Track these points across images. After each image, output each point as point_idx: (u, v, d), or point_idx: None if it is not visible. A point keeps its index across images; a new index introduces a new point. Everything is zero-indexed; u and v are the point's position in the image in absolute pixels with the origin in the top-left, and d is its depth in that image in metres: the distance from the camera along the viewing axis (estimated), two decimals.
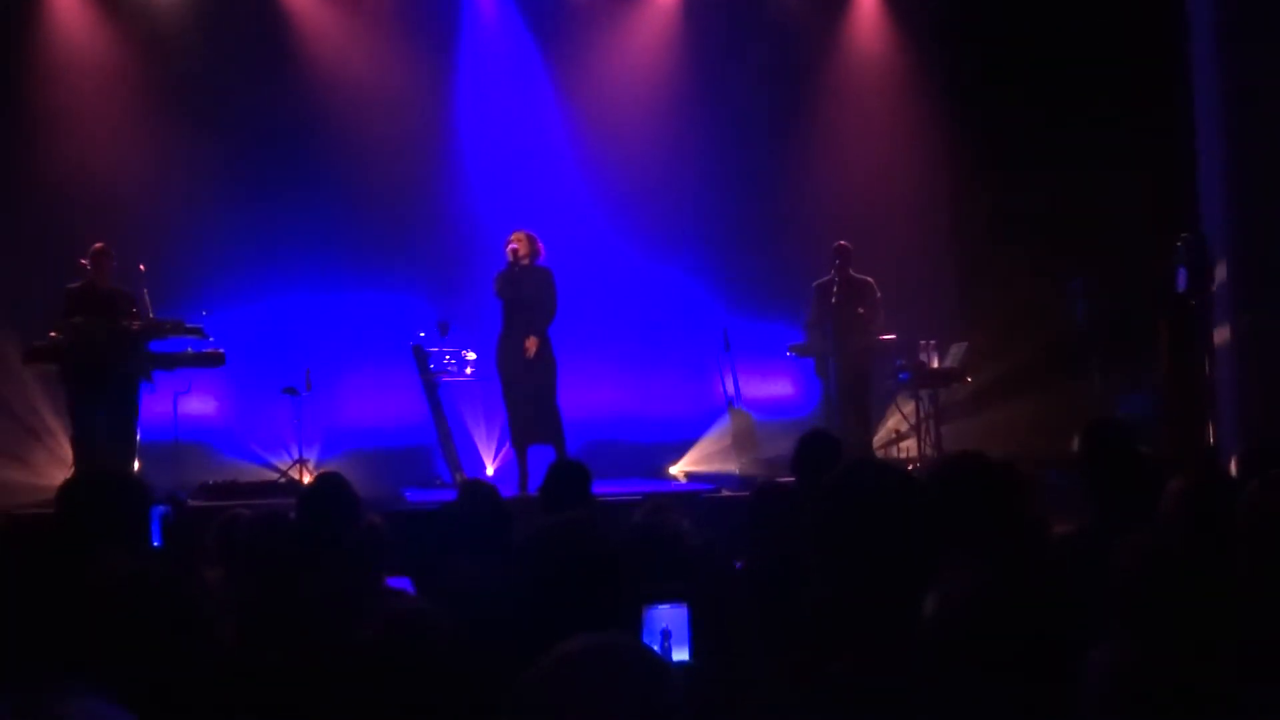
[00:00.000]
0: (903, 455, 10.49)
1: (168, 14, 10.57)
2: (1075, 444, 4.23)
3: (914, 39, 11.59)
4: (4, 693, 1.00)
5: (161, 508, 4.31)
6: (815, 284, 10.05)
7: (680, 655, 2.49)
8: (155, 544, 4.09)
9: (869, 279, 9.97)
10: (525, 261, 9.23)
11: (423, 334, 10.30)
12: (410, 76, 10.98)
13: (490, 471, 10.58)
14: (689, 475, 10.80)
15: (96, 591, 2.17)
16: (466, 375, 10.23)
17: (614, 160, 11.25)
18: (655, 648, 2.44)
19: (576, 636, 1.46)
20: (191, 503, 8.23)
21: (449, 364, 10.20)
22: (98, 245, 8.89)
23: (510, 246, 9.24)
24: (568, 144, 11.30)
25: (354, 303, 10.73)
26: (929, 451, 9.97)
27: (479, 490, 4.72)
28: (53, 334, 8.62)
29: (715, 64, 11.33)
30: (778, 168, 11.29)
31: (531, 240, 9.30)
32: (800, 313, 10.27)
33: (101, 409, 8.61)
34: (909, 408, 10.61)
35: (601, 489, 5.12)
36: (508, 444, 9.63)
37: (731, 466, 10.37)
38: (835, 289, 9.86)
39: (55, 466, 9.36)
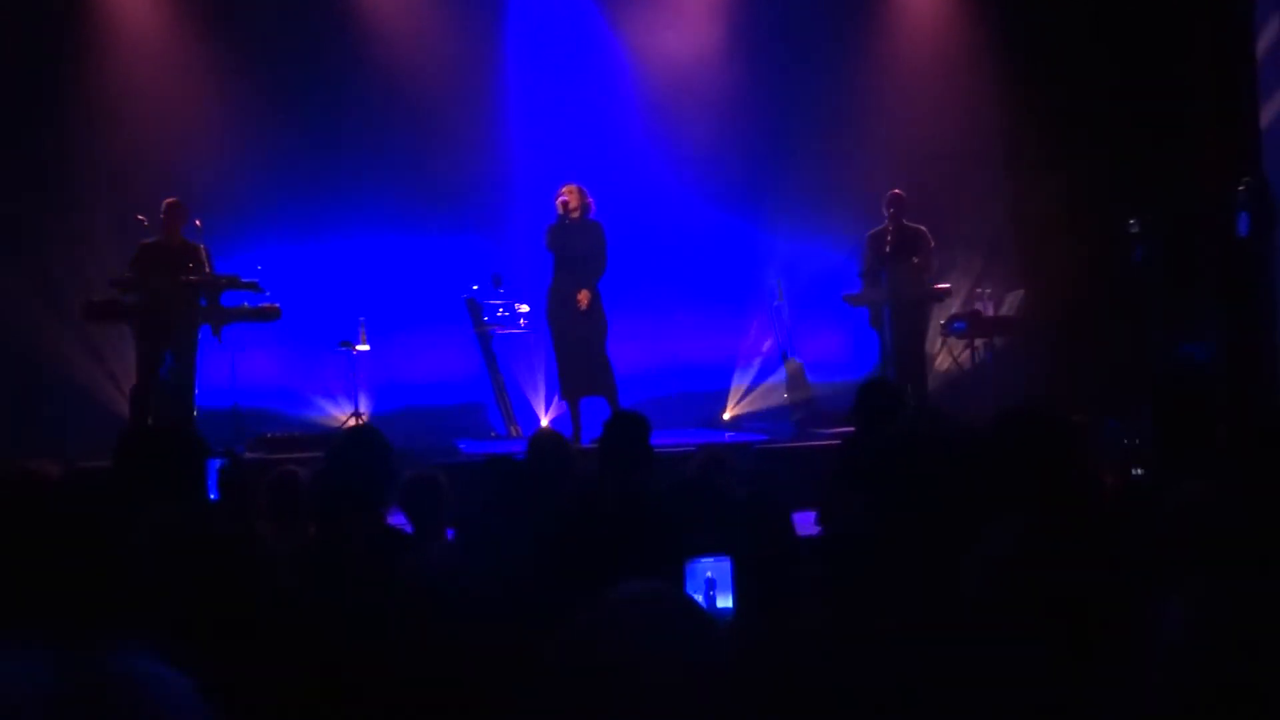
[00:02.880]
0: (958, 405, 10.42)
1: None
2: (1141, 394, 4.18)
3: None
4: (47, 647, 1.01)
5: (218, 461, 4.36)
6: (869, 234, 9.97)
7: (724, 603, 2.49)
8: (211, 497, 4.14)
9: (922, 228, 9.88)
10: (576, 215, 9.21)
11: (476, 287, 10.33)
12: (466, 27, 10.95)
13: (544, 423, 10.62)
14: (741, 420, 10.81)
15: (150, 542, 2.20)
16: (520, 328, 10.27)
17: (667, 113, 11.18)
18: (699, 597, 2.45)
19: (618, 584, 1.46)
20: (249, 455, 8.34)
21: (502, 316, 10.25)
22: (169, 200, 8.98)
23: (561, 199, 9.22)
24: (622, 97, 11.24)
25: (408, 258, 10.77)
26: (984, 402, 9.89)
27: (547, 440, 4.76)
28: (114, 285, 8.74)
29: (772, 15, 11.19)
30: (831, 115, 11.15)
31: (582, 193, 9.28)
32: (855, 262, 10.20)
33: (164, 364, 8.74)
34: (964, 356, 10.53)
35: (656, 439, 5.10)
36: (559, 396, 9.66)
37: (785, 417, 10.34)
38: (889, 238, 9.77)
39: (98, 423, 9.45)
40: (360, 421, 9.66)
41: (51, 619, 1.71)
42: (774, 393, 10.99)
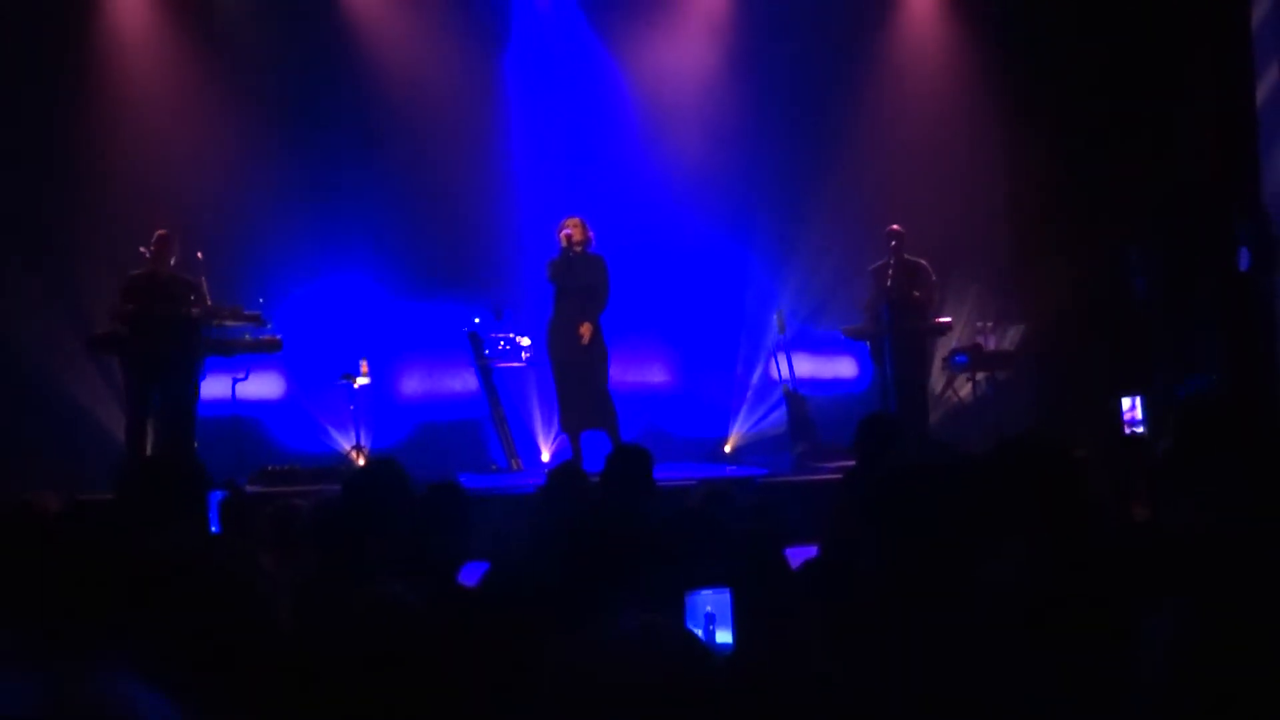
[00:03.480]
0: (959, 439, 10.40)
1: (228, 4, 10.66)
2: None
3: (967, 18, 11.44)
4: (35, 669, 1.02)
5: (219, 493, 4.36)
6: (870, 268, 9.99)
7: (724, 638, 2.48)
8: (213, 529, 4.14)
9: (923, 261, 9.90)
10: (579, 248, 9.24)
11: (478, 320, 10.35)
12: (466, 63, 10.98)
13: (545, 457, 10.61)
14: (742, 453, 10.81)
15: (149, 571, 2.19)
16: (521, 361, 10.28)
17: (667, 146, 11.22)
18: (699, 630, 2.44)
19: (618, 615, 1.46)
20: (250, 488, 8.32)
21: (504, 349, 10.25)
22: (160, 232, 8.96)
23: (564, 232, 9.25)
24: (621, 129, 11.27)
25: (409, 288, 10.79)
26: (986, 435, 9.88)
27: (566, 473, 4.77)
28: (115, 318, 8.73)
29: (768, 47, 11.23)
30: (830, 150, 11.18)
31: (584, 226, 9.31)
32: (855, 295, 10.21)
33: (157, 396, 8.70)
34: (965, 390, 10.53)
35: (657, 473, 5.10)
36: (560, 429, 9.65)
37: (786, 451, 10.33)
38: (890, 272, 9.79)
39: (113, 453, 9.45)
40: (362, 454, 9.66)
41: (42, 641, 1.71)
42: (775, 426, 10.98)
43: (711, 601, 2.41)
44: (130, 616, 1.98)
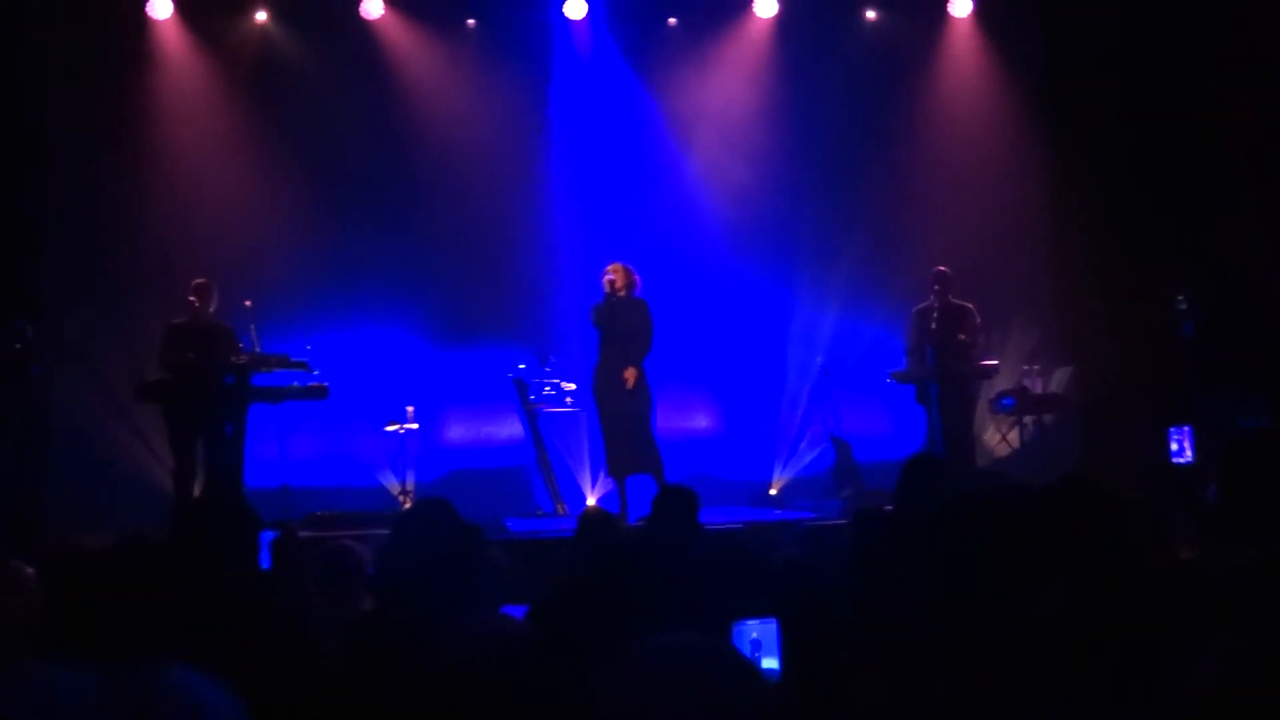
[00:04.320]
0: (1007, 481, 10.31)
1: (269, 54, 10.85)
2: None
3: (1010, 55, 11.45)
4: (94, 664, 1.05)
5: (271, 533, 4.40)
6: (914, 310, 9.97)
7: (770, 664, 2.49)
8: (263, 567, 4.17)
9: (969, 304, 9.87)
10: (622, 293, 9.29)
11: (522, 365, 10.41)
12: (506, 107, 11.12)
13: (591, 501, 10.62)
14: (787, 496, 10.79)
15: (204, 606, 2.23)
16: (566, 405, 10.32)
17: (708, 189, 11.29)
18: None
19: (666, 635, 1.47)
20: (300, 534, 8.37)
21: (549, 394, 10.30)
22: (199, 280, 9.09)
23: (607, 278, 9.31)
24: (662, 173, 11.35)
25: (455, 334, 10.88)
26: (1033, 478, 9.79)
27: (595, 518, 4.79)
28: (163, 366, 8.85)
29: (808, 88, 11.29)
30: (874, 192, 11.21)
31: (628, 272, 9.37)
32: (900, 339, 10.20)
33: (202, 442, 8.81)
34: (1013, 434, 10.46)
35: (702, 516, 5.11)
36: (606, 474, 9.66)
37: (832, 496, 10.29)
38: (935, 315, 9.77)
39: (155, 499, 9.55)
40: (409, 499, 9.71)
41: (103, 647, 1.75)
42: (820, 471, 10.94)
43: (758, 630, 2.42)
44: (186, 648, 2.01)
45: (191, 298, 9.00)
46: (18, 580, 3.66)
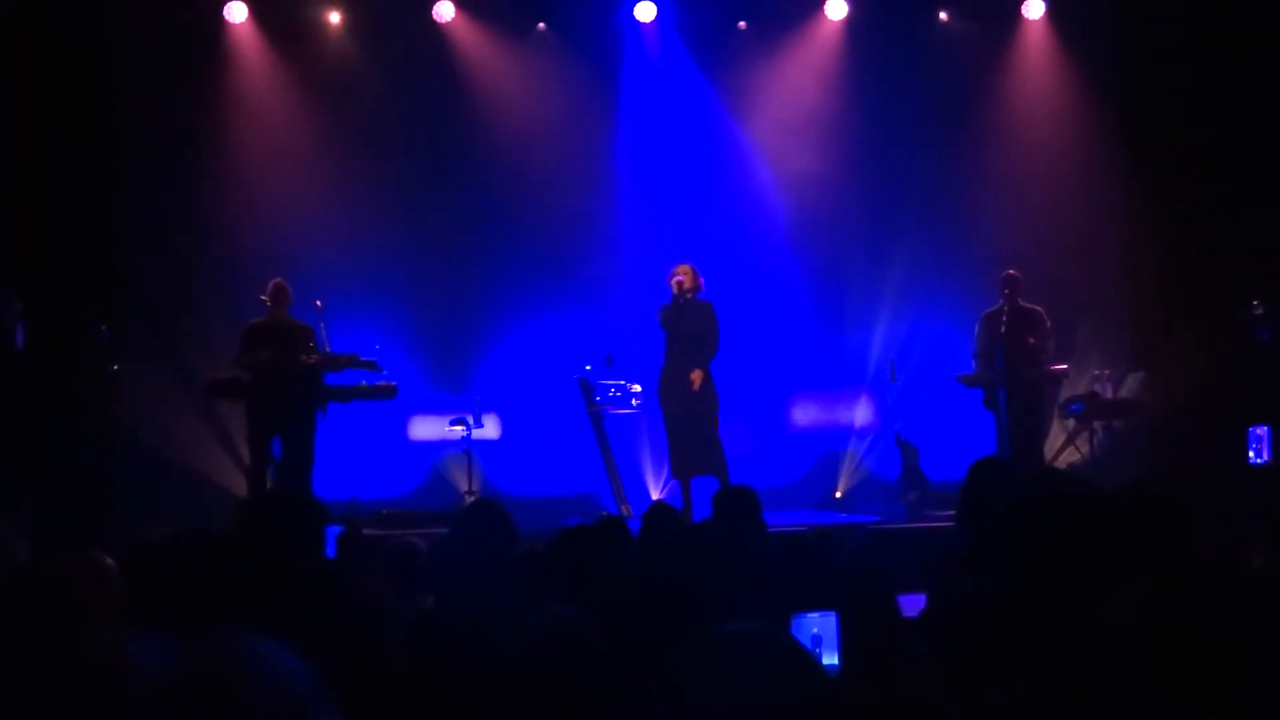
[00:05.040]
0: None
1: (342, 56, 10.97)
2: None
3: (1083, 56, 11.32)
4: (170, 633, 1.09)
5: (337, 527, 4.45)
6: (984, 314, 9.89)
7: (830, 660, 2.48)
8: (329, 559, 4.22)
9: (1038, 308, 9.77)
10: (689, 295, 9.30)
11: (589, 367, 10.44)
12: (575, 108, 11.16)
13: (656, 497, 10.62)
14: (853, 499, 10.73)
15: (270, 592, 2.27)
16: (632, 407, 10.33)
17: (776, 191, 11.26)
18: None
19: (728, 623, 1.47)
20: (366, 531, 8.46)
21: (614, 396, 10.32)
22: (276, 281, 9.22)
23: (675, 279, 9.31)
24: (731, 174, 11.34)
25: (521, 337, 10.93)
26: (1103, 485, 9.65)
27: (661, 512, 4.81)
28: (237, 363, 8.98)
29: (878, 90, 11.23)
30: (944, 194, 11.12)
31: (695, 273, 9.38)
32: (969, 343, 10.11)
33: (279, 441, 8.93)
34: (1083, 441, 10.33)
35: (767, 519, 5.09)
36: (670, 475, 9.66)
37: (898, 500, 10.22)
38: (1004, 318, 9.67)
39: (235, 496, 9.69)
40: (474, 497, 9.77)
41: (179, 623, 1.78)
42: (886, 475, 10.87)
43: (819, 624, 2.42)
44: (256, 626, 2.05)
45: (264, 297, 9.13)
46: (99, 569, 3.79)
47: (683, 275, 9.33)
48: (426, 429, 10.68)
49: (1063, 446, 10.66)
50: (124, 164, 10.35)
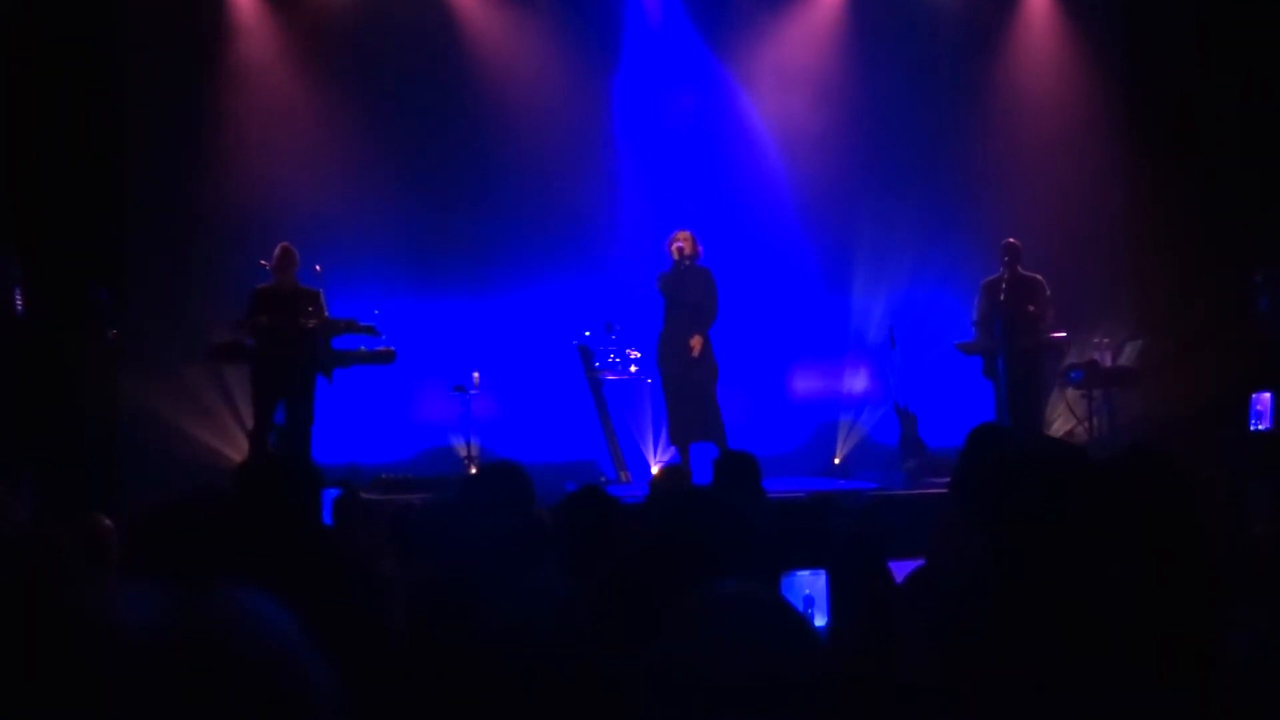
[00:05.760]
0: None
1: (343, 24, 10.91)
2: None
3: (1086, 31, 11.28)
4: (156, 584, 1.09)
5: (334, 491, 4.46)
6: (983, 282, 9.88)
7: (821, 622, 2.49)
8: (325, 523, 4.23)
9: (1038, 276, 9.76)
10: (689, 261, 9.30)
11: (588, 333, 10.43)
12: (575, 76, 11.12)
13: (654, 469, 10.63)
14: (851, 465, 10.75)
15: (266, 554, 2.27)
16: (630, 373, 10.34)
17: (777, 157, 11.24)
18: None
19: (717, 584, 1.48)
20: (364, 495, 8.48)
21: (613, 362, 10.33)
22: (283, 245, 9.21)
23: (675, 245, 9.31)
24: (731, 140, 11.32)
25: (520, 303, 10.92)
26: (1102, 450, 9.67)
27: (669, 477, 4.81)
28: (239, 327, 8.98)
29: (881, 61, 11.20)
30: (946, 161, 11.11)
31: (694, 240, 9.38)
32: (968, 310, 10.10)
33: (281, 404, 8.95)
34: (1081, 408, 10.34)
35: (766, 485, 5.11)
36: (669, 441, 9.68)
37: (896, 467, 10.24)
38: (1003, 287, 9.66)
39: (238, 457, 9.71)
40: (474, 464, 9.79)
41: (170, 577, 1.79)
42: (884, 441, 10.88)
43: (809, 584, 2.42)
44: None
45: (263, 261, 9.13)
46: (98, 531, 3.84)
47: (683, 241, 9.33)
48: (425, 394, 10.67)
49: (1062, 415, 10.67)
50: (126, 129, 10.31)
